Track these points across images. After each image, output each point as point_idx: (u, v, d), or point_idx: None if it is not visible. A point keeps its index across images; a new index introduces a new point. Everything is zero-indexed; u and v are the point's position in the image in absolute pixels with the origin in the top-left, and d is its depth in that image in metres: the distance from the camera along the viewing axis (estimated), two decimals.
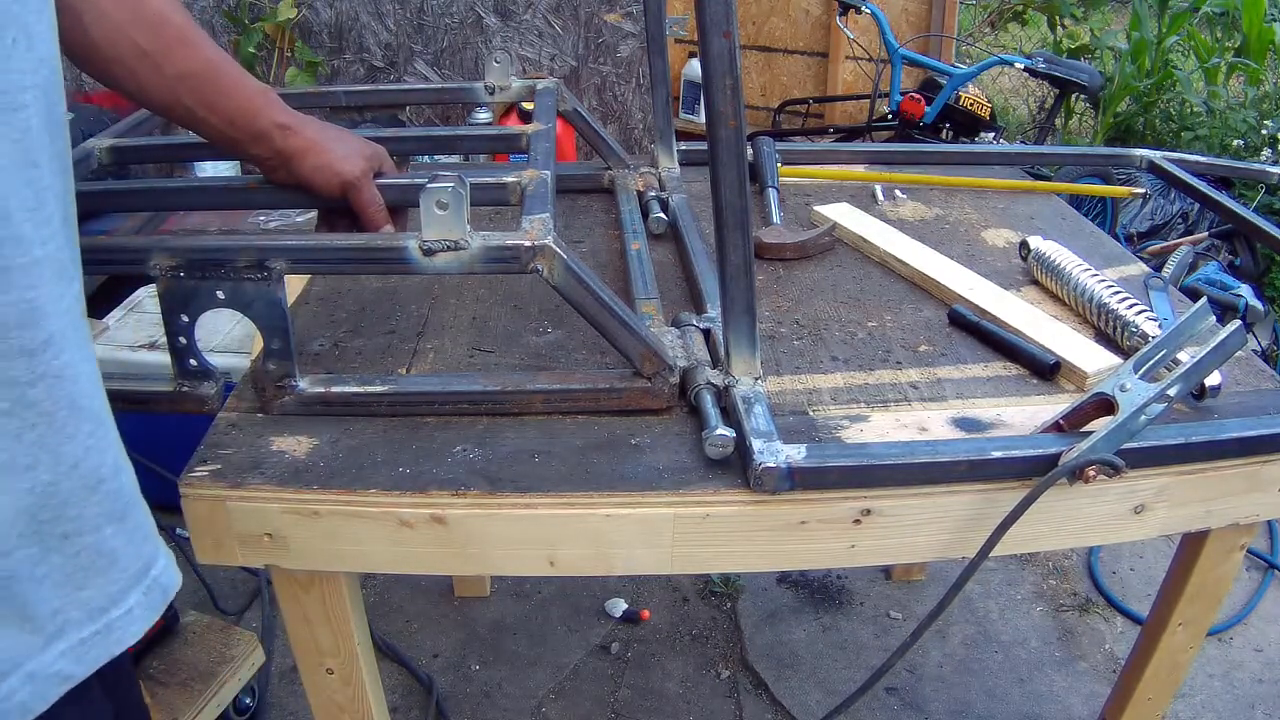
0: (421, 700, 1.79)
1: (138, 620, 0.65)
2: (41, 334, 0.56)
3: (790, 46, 4.30)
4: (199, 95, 0.86)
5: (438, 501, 0.83)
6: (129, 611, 0.64)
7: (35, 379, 0.56)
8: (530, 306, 1.13)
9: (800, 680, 1.85)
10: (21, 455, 0.57)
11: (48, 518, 0.59)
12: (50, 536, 0.59)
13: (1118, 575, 2.15)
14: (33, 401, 0.56)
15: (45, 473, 0.58)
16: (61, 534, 0.60)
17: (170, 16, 0.84)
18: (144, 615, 0.66)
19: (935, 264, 1.21)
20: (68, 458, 0.59)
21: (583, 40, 2.97)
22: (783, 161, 1.49)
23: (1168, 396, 0.83)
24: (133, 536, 0.65)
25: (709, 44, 0.77)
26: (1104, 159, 2.72)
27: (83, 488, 0.61)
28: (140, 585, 0.65)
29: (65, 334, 0.58)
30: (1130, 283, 1.22)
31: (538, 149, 1.08)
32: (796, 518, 0.85)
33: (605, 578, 2.04)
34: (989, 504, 0.87)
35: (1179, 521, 0.95)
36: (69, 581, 0.61)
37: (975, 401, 0.98)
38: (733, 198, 0.83)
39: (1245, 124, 3.77)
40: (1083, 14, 5.12)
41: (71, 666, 0.61)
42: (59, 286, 0.58)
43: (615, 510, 0.84)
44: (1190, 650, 1.14)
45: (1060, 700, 1.82)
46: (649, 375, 0.92)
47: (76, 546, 0.61)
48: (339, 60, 2.95)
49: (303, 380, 0.91)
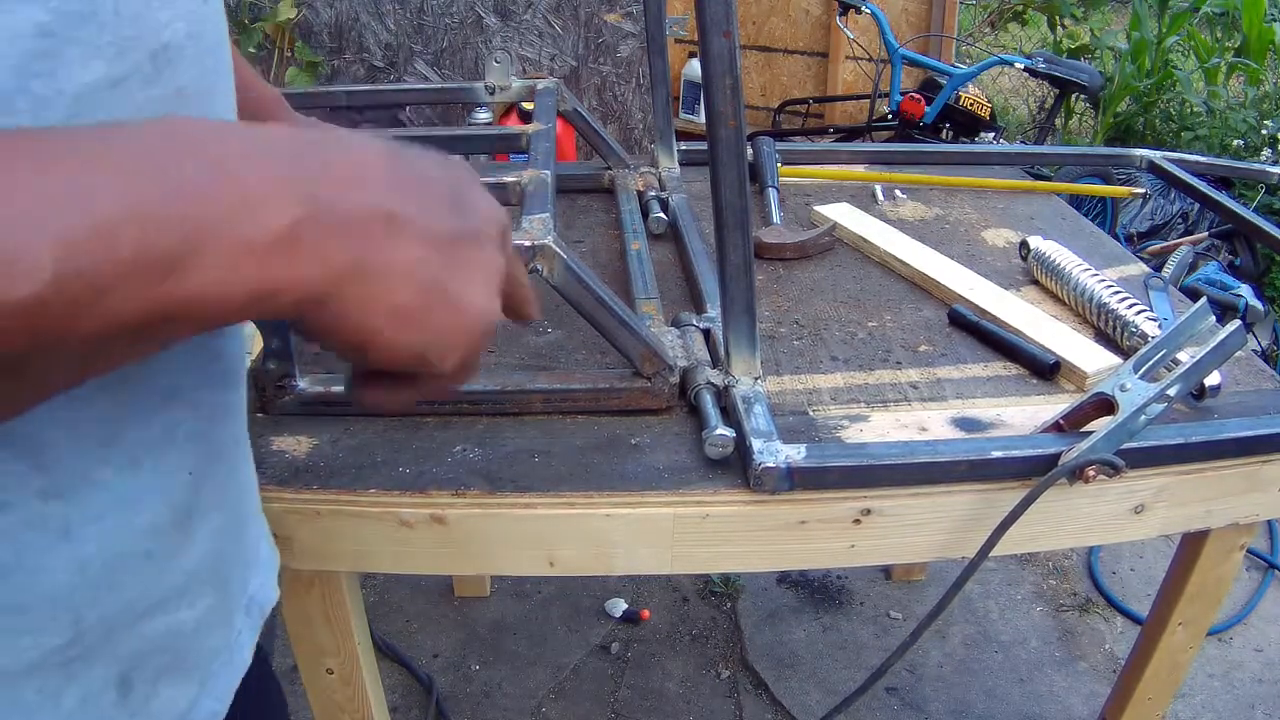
0: (421, 700, 1.79)
1: (247, 644, 0.60)
2: (221, 368, 0.51)
3: (790, 46, 4.30)
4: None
5: (438, 501, 0.83)
6: (239, 635, 0.59)
7: (214, 416, 0.51)
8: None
9: (800, 680, 1.85)
10: (209, 496, 0.51)
11: (220, 560, 0.54)
12: (221, 580, 0.55)
13: (1118, 575, 2.15)
14: (212, 438, 0.51)
15: (220, 512, 0.53)
16: (226, 576, 0.56)
17: None
18: (250, 637, 0.61)
19: (935, 264, 1.21)
20: (233, 493, 0.55)
21: (583, 40, 2.97)
22: (783, 161, 1.49)
23: (1168, 396, 0.83)
24: (245, 556, 0.61)
25: (709, 44, 0.77)
26: (1104, 159, 2.72)
27: (239, 523, 0.57)
28: (241, 605, 0.60)
29: (237, 364, 0.54)
30: (1130, 283, 1.22)
31: (538, 149, 1.08)
32: (796, 518, 0.85)
33: (605, 578, 2.04)
34: (989, 504, 0.87)
35: (1179, 521, 0.95)
36: (224, 622, 0.56)
37: (975, 401, 0.98)
38: (733, 198, 0.83)
39: (1245, 124, 3.77)
40: (1083, 14, 5.12)
41: (214, 703, 0.56)
42: None
43: (615, 510, 0.84)
44: (1190, 650, 1.13)
45: (1060, 700, 1.82)
46: (649, 375, 0.92)
47: (233, 584, 0.57)
48: (339, 60, 2.94)
49: (303, 380, 0.91)
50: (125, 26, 0.40)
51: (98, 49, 0.39)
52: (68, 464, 0.42)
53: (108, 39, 0.39)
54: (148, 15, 0.42)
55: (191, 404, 0.49)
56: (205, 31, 0.47)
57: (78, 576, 0.43)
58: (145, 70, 0.42)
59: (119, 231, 0.30)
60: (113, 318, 0.31)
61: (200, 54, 0.46)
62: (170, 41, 0.44)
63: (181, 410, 0.48)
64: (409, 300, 0.38)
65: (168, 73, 0.43)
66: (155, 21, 0.43)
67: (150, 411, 0.46)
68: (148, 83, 0.42)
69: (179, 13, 0.44)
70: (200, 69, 0.47)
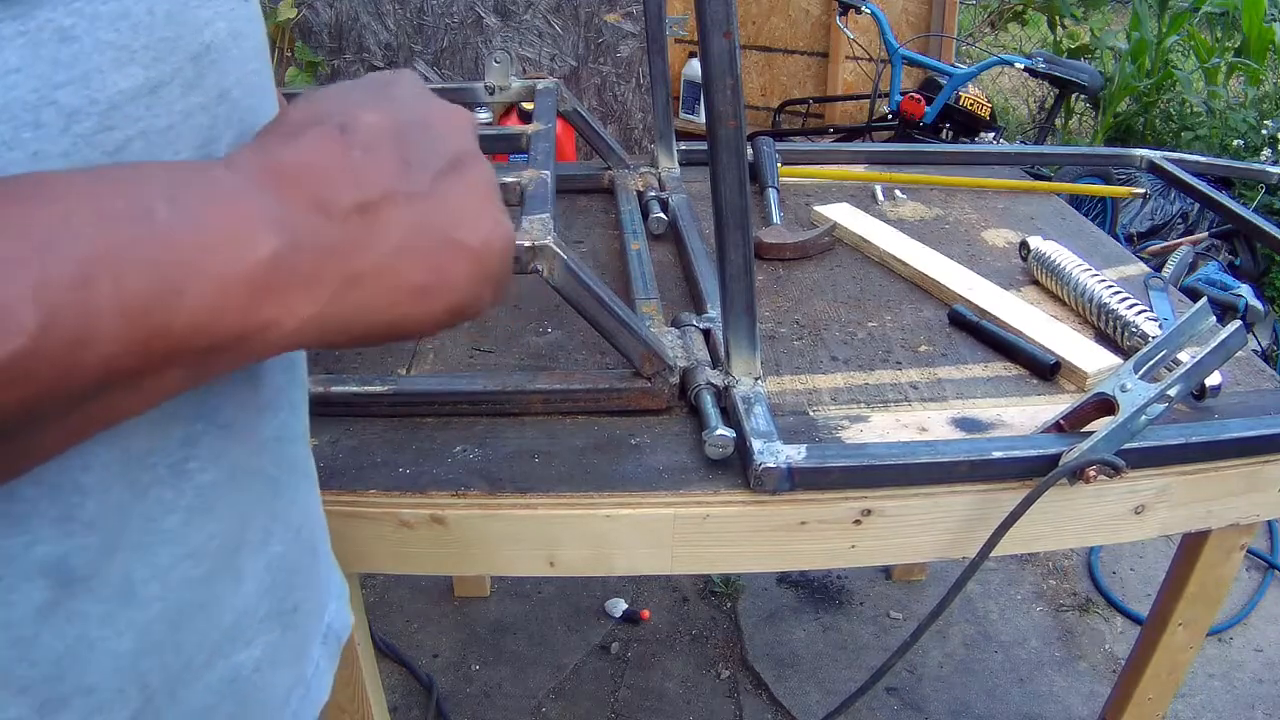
0: (421, 700, 1.79)
1: (325, 673, 0.58)
2: (263, 397, 0.48)
3: (790, 46, 4.30)
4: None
5: (438, 502, 0.83)
6: (317, 666, 0.57)
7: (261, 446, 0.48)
8: (530, 306, 1.13)
9: (800, 680, 1.85)
10: (256, 530, 0.49)
11: (282, 593, 0.52)
12: (284, 614, 0.52)
13: (1118, 575, 2.15)
14: (259, 469, 0.49)
15: (278, 544, 0.51)
16: (292, 607, 0.53)
17: None
18: (328, 667, 0.59)
19: (935, 264, 1.21)
20: (293, 523, 0.53)
21: (583, 40, 2.97)
22: (783, 161, 1.49)
23: (1168, 397, 0.83)
24: (318, 586, 0.59)
25: (709, 44, 0.77)
26: (1104, 159, 2.72)
27: (306, 552, 0.55)
28: (318, 635, 0.58)
29: (282, 389, 0.50)
30: (1130, 283, 1.22)
31: (538, 149, 1.08)
32: (797, 518, 0.85)
33: (605, 578, 2.04)
34: (989, 504, 0.87)
35: (1179, 522, 0.95)
36: (297, 660, 0.54)
37: (975, 402, 0.98)
38: (733, 198, 0.83)
39: (1245, 124, 3.77)
40: (1083, 14, 5.12)
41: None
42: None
43: (615, 510, 0.84)
44: (1190, 650, 1.13)
45: (1060, 700, 1.82)
46: (649, 375, 0.92)
47: (300, 617, 0.54)
48: (339, 60, 2.94)
49: None
50: (161, 27, 0.38)
51: (132, 53, 0.36)
52: (128, 518, 0.40)
53: (142, 42, 0.37)
54: (186, 14, 0.39)
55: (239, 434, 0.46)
56: (248, 30, 0.44)
57: (142, 641, 0.41)
58: (187, 74, 0.39)
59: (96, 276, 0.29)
60: (103, 366, 0.30)
61: (244, 55, 0.44)
62: (212, 41, 0.41)
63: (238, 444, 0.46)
64: (420, 274, 0.37)
65: (211, 76, 0.41)
66: (195, 20, 0.40)
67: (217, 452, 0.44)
68: (189, 87, 0.39)
69: (220, 11, 0.41)
70: (245, 70, 0.44)
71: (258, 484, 0.48)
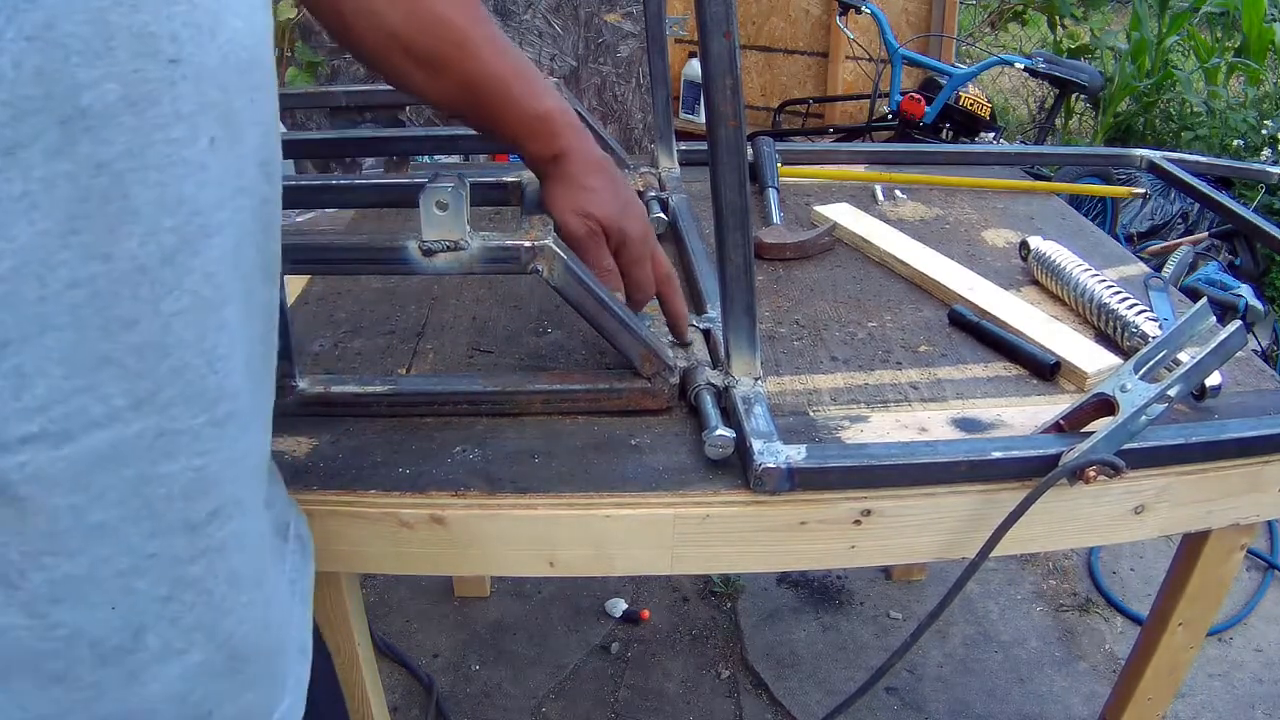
0: (421, 700, 1.79)
1: None
2: (209, 505, 0.48)
3: (790, 46, 4.30)
4: (480, 109, 0.78)
5: (437, 502, 0.83)
6: None
7: (196, 555, 0.48)
8: (530, 306, 1.13)
9: (800, 680, 1.85)
10: (176, 640, 0.49)
11: (196, 700, 0.51)
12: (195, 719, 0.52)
13: (1118, 575, 2.16)
14: (191, 580, 0.48)
15: (198, 654, 0.50)
16: (207, 712, 0.52)
17: (451, 18, 0.73)
18: None
19: (935, 264, 1.21)
20: (221, 634, 0.51)
21: (583, 40, 2.97)
22: (783, 161, 1.49)
23: (1168, 397, 0.83)
24: (267, 688, 0.57)
25: (709, 44, 0.77)
26: (1104, 159, 2.72)
27: (234, 660, 0.53)
28: None
29: (238, 499, 0.50)
30: (1130, 283, 1.22)
31: None
32: (797, 518, 0.85)
33: (605, 578, 2.04)
34: (989, 504, 0.87)
35: (1179, 522, 0.95)
36: None
37: (975, 402, 0.98)
38: (733, 198, 0.83)
39: (1245, 124, 3.77)
40: (1083, 14, 5.12)
41: None
42: (238, 446, 0.49)
43: (615, 511, 0.84)
44: (1190, 650, 1.13)
45: (1060, 700, 1.82)
46: (649, 375, 0.92)
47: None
48: (339, 60, 2.94)
49: (303, 380, 0.91)
50: (27, 84, 0.35)
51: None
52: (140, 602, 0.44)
53: (2, 98, 0.35)
54: (61, 72, 0.36)
55: None
56: (167, 97, 0.40)
57: None
58: (50, 138, 0.36)
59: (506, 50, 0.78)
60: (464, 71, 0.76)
61: (146, 125, 0.39)
62: (91, 106, 0.37)
63: None
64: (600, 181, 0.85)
65: (85, 144, 0.37)
66: (72, 80, 0.36)
67: None
68: (53, 154, 0.37)
69: (116, 73, 0.38)
70: (144, 142, 0.39)
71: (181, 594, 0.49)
